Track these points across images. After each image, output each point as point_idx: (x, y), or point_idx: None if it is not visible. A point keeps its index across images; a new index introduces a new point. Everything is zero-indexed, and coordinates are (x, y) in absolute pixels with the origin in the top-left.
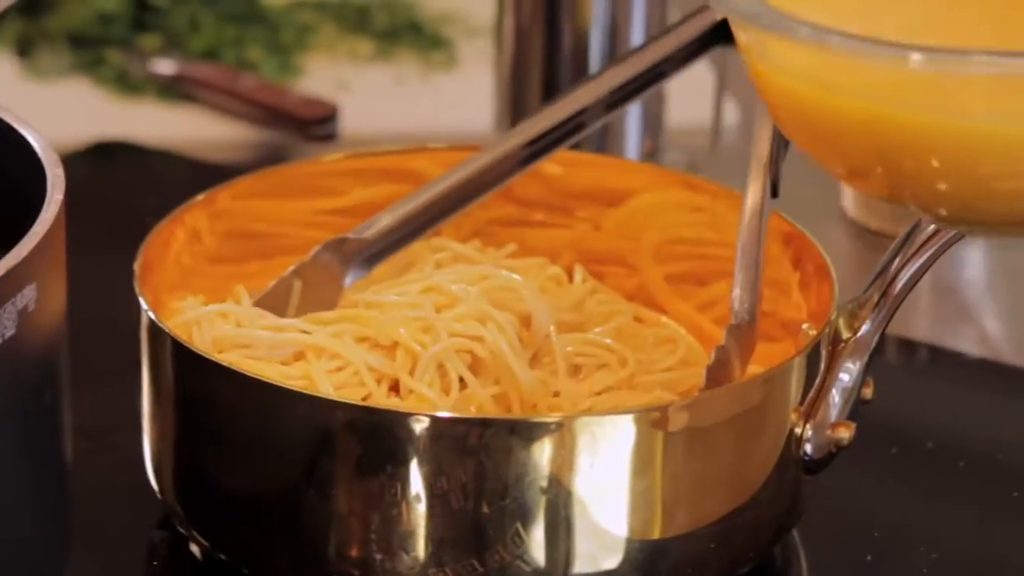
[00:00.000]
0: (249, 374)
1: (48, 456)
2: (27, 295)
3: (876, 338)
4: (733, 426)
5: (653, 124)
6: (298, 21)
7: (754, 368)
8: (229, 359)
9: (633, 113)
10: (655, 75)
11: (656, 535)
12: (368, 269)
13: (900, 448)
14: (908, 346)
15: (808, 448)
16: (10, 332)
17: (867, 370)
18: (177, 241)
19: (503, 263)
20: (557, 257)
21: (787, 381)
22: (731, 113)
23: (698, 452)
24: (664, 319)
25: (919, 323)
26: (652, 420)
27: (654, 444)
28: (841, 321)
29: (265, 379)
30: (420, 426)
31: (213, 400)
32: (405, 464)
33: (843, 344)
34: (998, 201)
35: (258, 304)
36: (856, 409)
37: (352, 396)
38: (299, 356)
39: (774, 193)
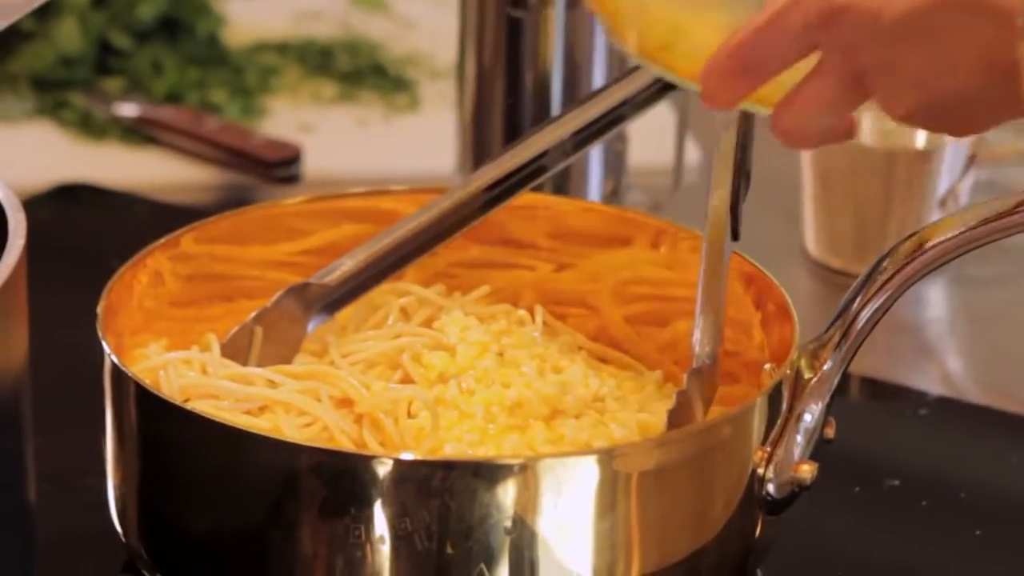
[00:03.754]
0: (215, 419)
1: (10, 501)
2: None
3: (838, 378)
4: (696, 467)
5: (615, 165)
6: (261, 63)
7: (717, 409)
8: (195, 406)
9: (595, 154)
10: (616, 118)
11: (620, 575)
12: (331, 314)
13: (863, 487)
14: (871, 385)
15: (770, 488)
16: None
17: (829, 410)
18: (140, 284)
19: (469, 308)
20: (518, 299)
21: (749, 422)
22: (692, 153)
23: (661, 493)
24: (628, 360)
25: (882, 362)
26: (615, 461)
27: (617, 485)
28: (803, 361)
29: (231, 423)
30: (384, 469)
31: (178, 445)
32: (369, 506)
33: (805, 384)
34: None
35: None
36: (818, 449)
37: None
38: (264, 408)
39: (735, 236)
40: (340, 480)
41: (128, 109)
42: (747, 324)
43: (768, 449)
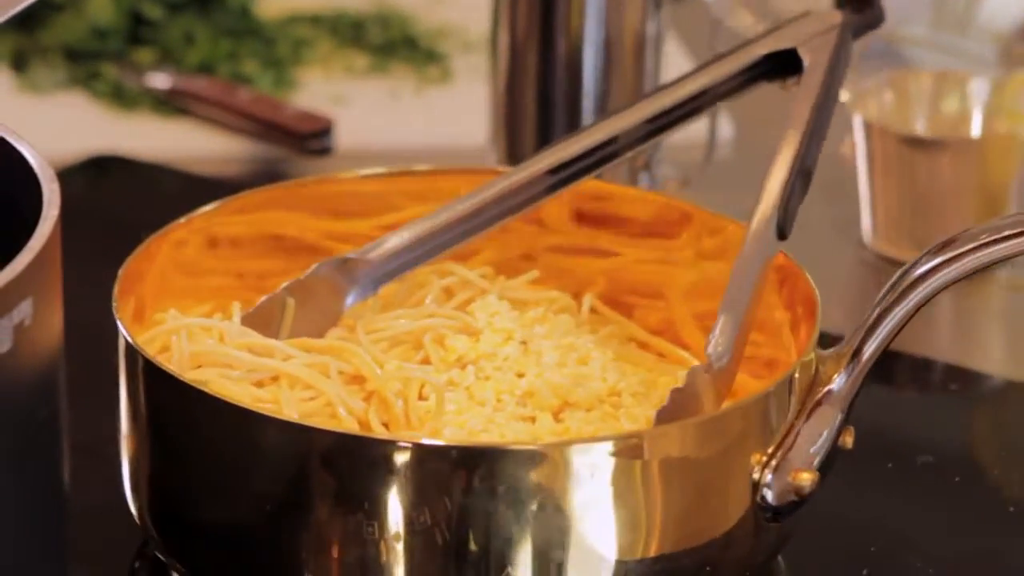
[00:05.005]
0: (210, 392)
1: (45, 473)
2: (23, 310)
3: (855, 388)
4: (693, 463)
5: None
6: (293, 35)
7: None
8: (196, 376)
9: None
10: (694, 109)
11: (643, 561)
12: (372, 290)
13: (896, 463)
14: (903, 360)
15: (767, 494)
16: (6, 347)
17: (847, 419)
18: (164, 255)
19: (510, 293)
20: (589, 285)
21: (750, 422)
22: (725, 128)
23: (676, 481)
24: (684, 354)
25: (914, 337)
26: (622, 450)
27: (632, 473)
28: (821, 369)
29: (224, 398)
30: (401, 454)
31: (180, 419)
32: (385, 492)
33: (818, 392)
34: None
35: (245, 320)
36: (834, 459)
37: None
38: (276, 378)
39: (781, 235)
40: (354, 464)
41: (160, 80)
42: (776, 324)
43: (768, 454)
